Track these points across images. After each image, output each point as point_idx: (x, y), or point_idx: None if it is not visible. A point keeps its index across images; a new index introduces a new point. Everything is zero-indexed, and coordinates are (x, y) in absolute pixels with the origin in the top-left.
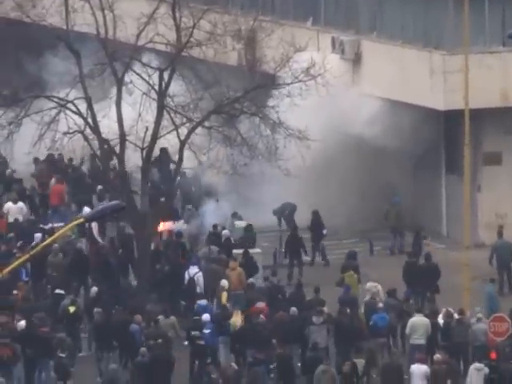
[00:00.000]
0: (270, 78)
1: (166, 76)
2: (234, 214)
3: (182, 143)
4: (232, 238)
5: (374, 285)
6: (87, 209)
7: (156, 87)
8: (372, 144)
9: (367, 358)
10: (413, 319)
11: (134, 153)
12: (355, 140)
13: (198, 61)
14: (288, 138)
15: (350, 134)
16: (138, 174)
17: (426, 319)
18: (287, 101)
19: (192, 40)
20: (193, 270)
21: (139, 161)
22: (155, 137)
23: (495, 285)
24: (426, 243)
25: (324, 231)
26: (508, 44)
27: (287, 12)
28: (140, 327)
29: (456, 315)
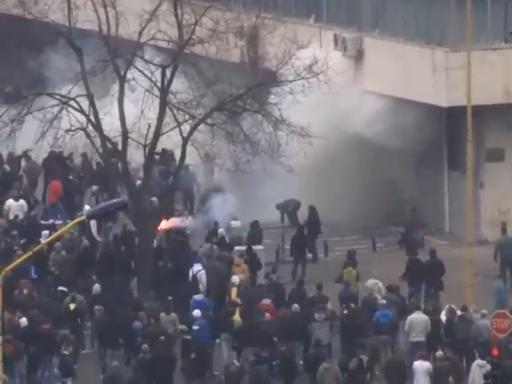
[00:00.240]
0: (273, 75)
1: (168, 73)
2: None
3: (185, 140)
4: (226, 238)
5: (375, 282)
6: (88, 206)
7: (158, 84)
8: (374, 141)
9: (370, 355)
10: (411, 316)
11: (137, 150)
12: (357, 137)
13: (201, 58)
14: (290, 134)
15: (353, 130)
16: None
17: (424, 316)
18: (290, 98)
19: (194, 37)
20: (196, 267)
21: (141, 158)
22: (158, 134)
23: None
24: (427, 239)
25: (321, 227)
26: (510, 41)
27: (289, 9)
28: (142, 325)
29: (459, 312)
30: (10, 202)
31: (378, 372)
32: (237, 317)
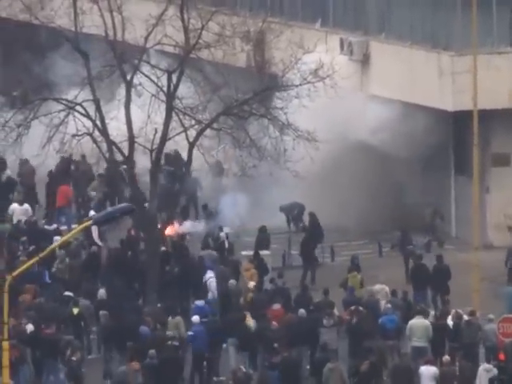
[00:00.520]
0: (279, 79)
1: (174, 78)
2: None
3: (191, 145)
4: (227, 242)
5: (381, 287)
6: (93, 212)
7: (165, 89)
8: (380, 145)
9: (377, 359)
10: (412, 321)
11: (143, 155)
12: (363, 141)
13: (207, 62)
14: (297, 139)
15: (358, 135)
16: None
17: (425, 321)
18: (296, 102)
19: (200, 42)
20: (208, 274)
21: (148, 163)
22: (164, 139)
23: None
24: (434, 244)
25: (323, 233)
26: None
27: (296, 13)
28: (150, 329)
29: (465, 316)
30: (14, 206)
31: (385, 377)
32: (249, 322)
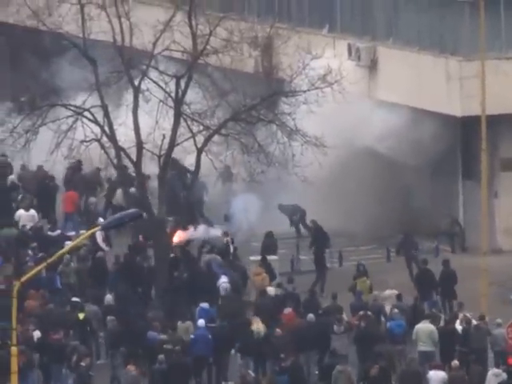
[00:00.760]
0: (287, 84)
1: (182, 83)
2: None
3: (199, 151)
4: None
5: (392, 292)
6: (101, 219)
7: (173, 95)
8: (389, 150)
9: (386, 364)
10: (418, 326)
11: (151, 161)
12: (372, 147)
13: (215, 68)
14: (305, 145)
15: (367, 140)
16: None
17: (430, 326)
18: (304, 108)
19: (208, 47)
20: (222, 279)
21: (156, 169)
22: (172, 144)
23: None
24: (442, 248)
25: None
26: None
27: (303, 19)
28: (158, 334)
29: (474, 321)
30: (20, 212)
31: (393, 382)
32: (257, 327)
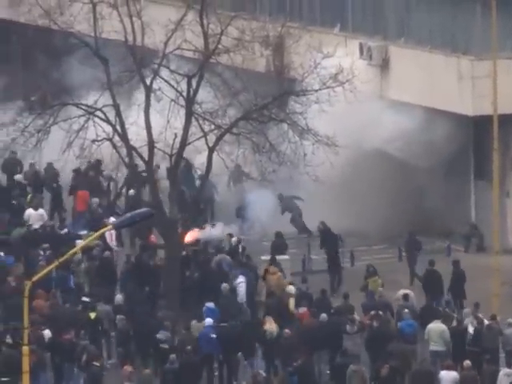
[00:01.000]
0: (299, 84)
1: (194, 83)
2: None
3: (211, 150)
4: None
5: (405, 292)
6: (113, 218)
7: (184, 94)
8: (400, 150)
9: (400, 363)
10: (429, 326)
11: (163, 160)
12: (383, 146)
13: (226, 67)
14: (316, 144)
15: (378, 140)
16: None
17: (442, 325)
18: (315, 107)
19: (220, 47)
20: (239, 279)
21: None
22: (184, 144)
23: None
24: (454, 248)
25: (339, 241)
26: None
27: (315, 18)
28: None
29: (486, 321)
30: (29, 211)
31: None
32: (270, 327)
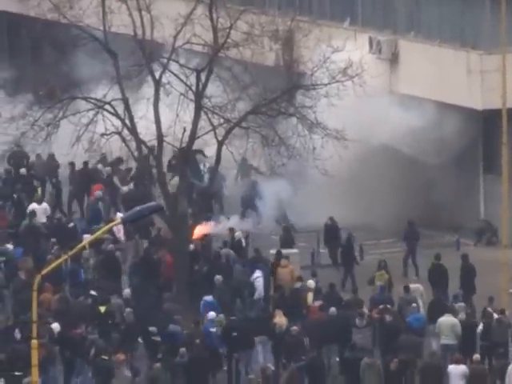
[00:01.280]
0: (308, 78)
1: (203, 77)
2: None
3: (220, 144)
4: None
5: (416, 286)
6: (120, 214)
7: (193, 88)
8: (409, 144)
9: (411, 355)
10: (440, 319)
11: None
12: (392, 140)
13: (235, 61)
14: (325, 138)
15: (387, 134)
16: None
17: (453, 319)
18: (324, 101)
19: (229, 41)
20: (256, 273)
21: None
22: (193, 137)
23: None
24: (463, 242)
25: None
26: None
27: (324, 12)
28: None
29: (495, 315)
30: (33, 205)
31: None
32: (279, 321)
